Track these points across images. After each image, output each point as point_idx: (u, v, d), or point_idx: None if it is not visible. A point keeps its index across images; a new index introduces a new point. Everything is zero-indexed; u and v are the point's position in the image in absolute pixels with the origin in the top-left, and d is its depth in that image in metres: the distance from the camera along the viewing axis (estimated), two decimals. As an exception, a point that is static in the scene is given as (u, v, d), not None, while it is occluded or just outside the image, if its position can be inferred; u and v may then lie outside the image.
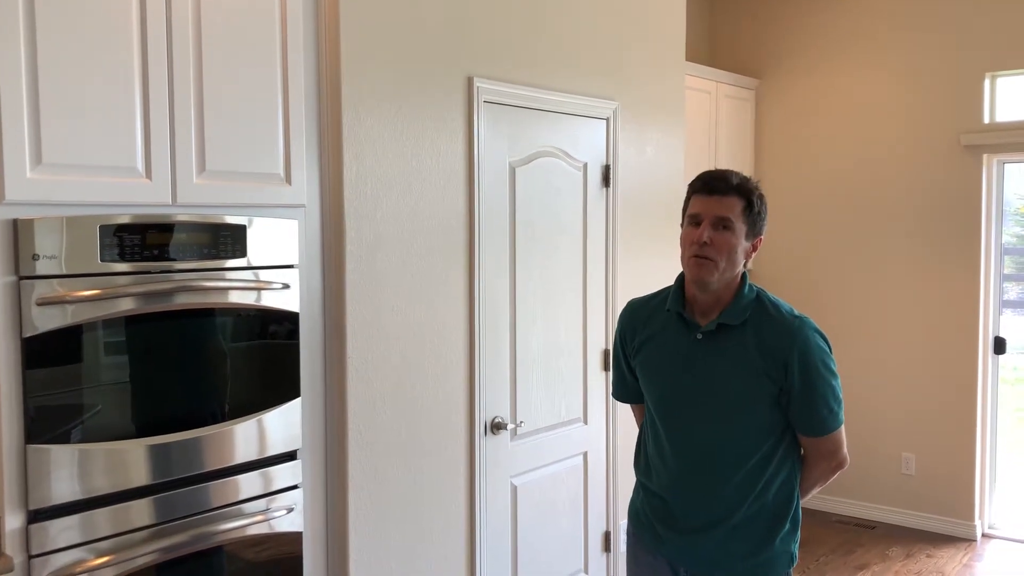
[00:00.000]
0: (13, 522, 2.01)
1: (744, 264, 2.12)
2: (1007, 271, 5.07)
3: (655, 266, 4.00)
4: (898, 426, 5.16)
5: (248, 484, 2.44)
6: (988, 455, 5.01)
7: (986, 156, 4.88)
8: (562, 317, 3.57)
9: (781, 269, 5.47)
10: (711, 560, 2.13)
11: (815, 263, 5.44)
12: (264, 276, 2.46)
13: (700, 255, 2.05)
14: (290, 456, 2.56)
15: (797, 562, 2.17)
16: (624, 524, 3.86)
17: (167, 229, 2.23)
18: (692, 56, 5.14)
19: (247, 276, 2.42)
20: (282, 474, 2.53)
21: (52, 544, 2.05)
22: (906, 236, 5.11)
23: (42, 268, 2.01)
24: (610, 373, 3.73)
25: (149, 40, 2.20)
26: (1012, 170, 5.01)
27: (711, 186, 2.08)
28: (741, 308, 2.09)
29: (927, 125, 5.02)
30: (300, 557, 2.59)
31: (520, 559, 3.40)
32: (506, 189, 3.28)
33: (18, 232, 1.99)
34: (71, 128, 2.06)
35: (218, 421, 2.36)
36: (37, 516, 2.04)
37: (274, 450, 2.50)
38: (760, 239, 2.13)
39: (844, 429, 2.13)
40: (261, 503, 2.47)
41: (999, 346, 4.98)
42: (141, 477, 2.21)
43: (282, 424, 2.52)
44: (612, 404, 3.82)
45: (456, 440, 3.11)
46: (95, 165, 2.11)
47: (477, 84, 3.10)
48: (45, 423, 2.03)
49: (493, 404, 3.26)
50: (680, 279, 2.21)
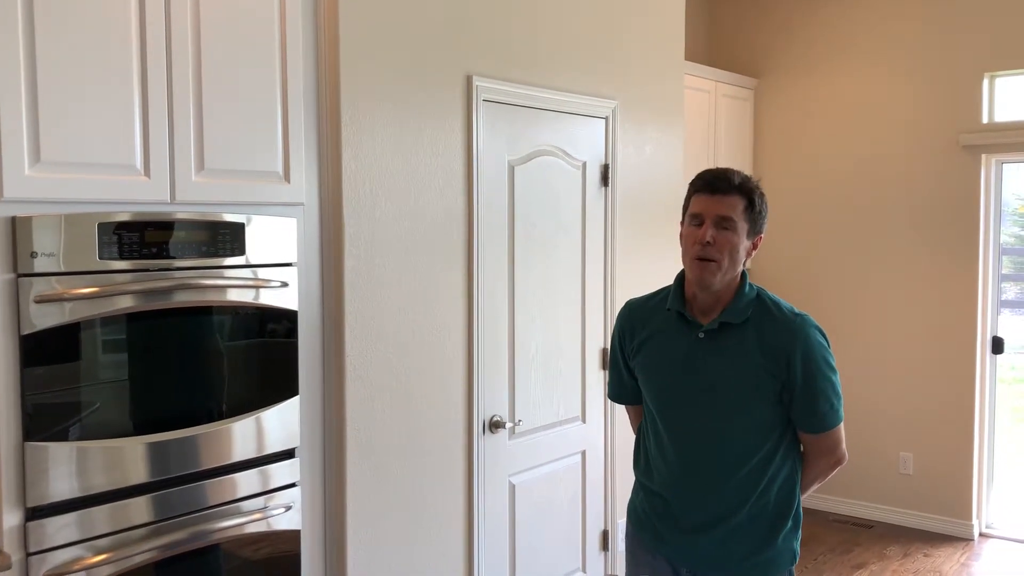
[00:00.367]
0: (11, 519, 2.01)
1: (744, 263, 2.12)
2: (1005, 271, 5.07)
3: (654, 265, 4.00)
4: (896, 425, 5.17)
5: (246, 482, 2.44)
6: (986, 455, 5.02)
7: (984, 156, 4.88)
8: (561, 316, 3.57)
9: (779, 269, 5.47)
10: (713, 559, 2.13)
11: (813, 263, 5.44)
12: (263, 274, 2.46)
13: (703, 256, 2.05)
14: (288, 454, 2.56)
15: (798, 560, 2.17)
16: (622, 523, 3.87)
17: (166, 227, 2.23)
18: (691, 55, 5.14)
19: (246, 274, 2.42)
20: (280, 472, 2.53)
21: (50, 542, 2.05)
22: (904, 236, 5.12)
23: (40, 266, 2.01)
24: (608, 371, 3.74)
25: (148, 38, 2.20)
26: (1010, 170, 5.01)
27: (713, 185, 2.07)
28: (743, 307, 2.10)
29: (926, 125, 5.02)
30: (298, 555, 2.59)
31: (518, 557, 3.41)
32: (505, 188, 3.28)
33: (16, 229, 1.99)
34: (70, 126, 2.06)
35: (216, 419, 2.36)
36: (35, 514, 2.04)
37: (272, 448, 2.50)
38: (760, 238, 2.13)
39: (843, 426, 2.14)
40: (259, 501, 2.47)
41: (997, 346, 4.98)
42: (139, 475, 2.21)
43: (280, 422, 2.52)
44: (610, 403, 3.82)
45: (454, 439, 3.11)
46: (94, 163, 2.11)
47: (476, 83, 3.10)
48: (43, 420, 2.03)
49: (491, 402, 3.26)
50: (680, 278, 2.20)
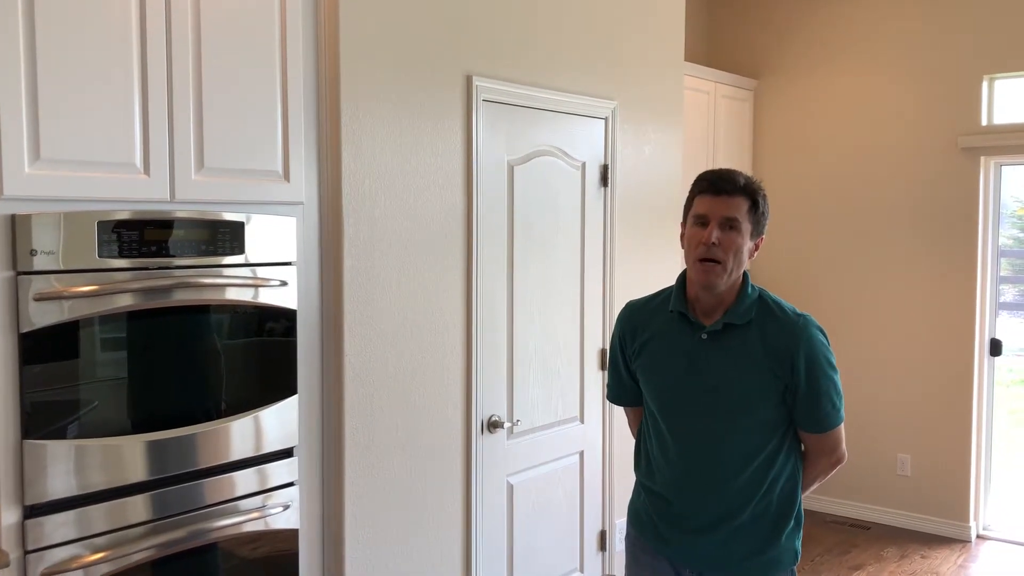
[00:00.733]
0: (9, 517, 2.01)
1: (745, 264, 2.13)
2: (1003, 273, 5.07)
3: (652, 266, 4.00)
4: (894, 427, 5.17)
5: (244, 481, 2.44)
6: (983, 457, 5.02)
7: (983, 158, 4.89)
8: (559, 316, 3.57)
9: (778, 270, 5.47)
10: (716, 559, 2.13)
11: (812, 264, 5.45)
12: (262, 273, 2.46)
13: (708, 257, 2.05)
14: (286, 453, 2.56)
15: (800, 559, 2.18)
16: (620, 523, 3.87)
17: (165, 225, 2.23)
18: (691, 56, 5.14)
19: (245, 273, 2.42)
20: (278, 471, 2.53)
21: (48, 540, 2.06)
22: (903, 237, 5.12)
23: (40, 263, 2.01)
24: (607, 372, 3.74)
25: (148, 36, 2.20)
26: (1009, 172, 5.01)
27: (718, 186, 2.07)
28: (746, 308, 2.10)
29: (925, 127, 5.03)
30: (296, 554, 2.59)
31: (516, 557, 3.41)
32: (504, 188, 3.28)
33: (16, 227, 1.99)
34: (69, 124, 2.06)
35: (214, 418, 2.36)
36: (33, 511, 2.04)
37: (270, 447, 2.50)
38: (762, 239, 2.13)
39: (843, 425, 2.15)
40: (257, 500, 2.47)
41: (995, 348, 4.99)
42: (137, 473, 2.21)
43: (278, 421, 2.52)
44: (608, 404, 3.82)
45: (453, 438, 3.11)
46: (93, 161, 2.11)
47: (476, 83, 3.10)
48: (42, 418, 2.04)
49: (490, 402, 3.27)
50: (681, 279, 2.20)
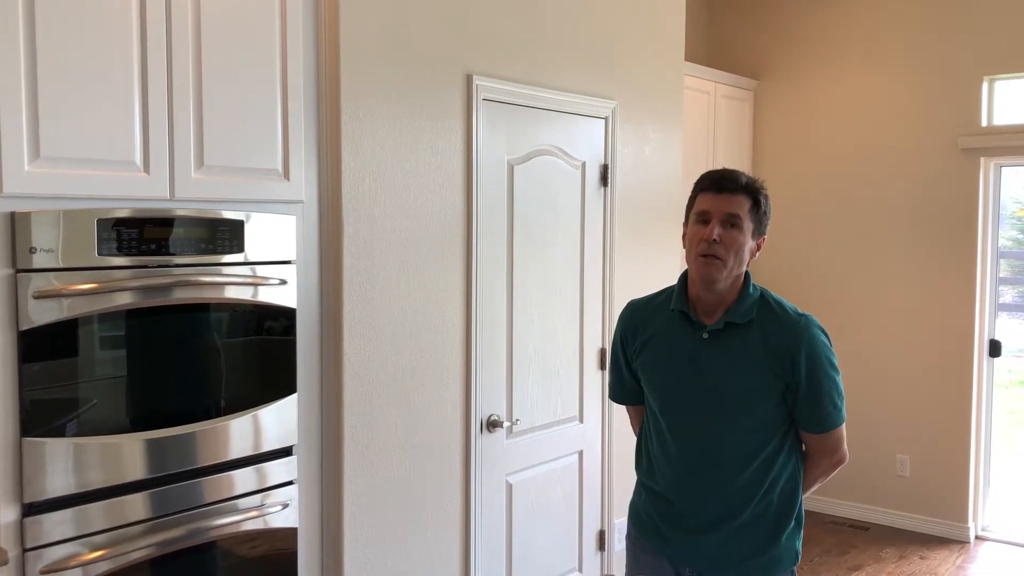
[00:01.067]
0: (8, 515, 2.01)
1: (747, 264, 2.12)
2: (1003, 274, 5.07)
3: (652, 266, 4.00)
4: (893, 428, 5.17)
5: (243, 480, 2.44)
6: (982, 458, 5.02)
7: (983, 159, 4.89)
8: (559, 316, 3.57)
9: (777, 270, 5.47)
10: (717, 559, 2.13)
11: (811, 264, 5.45)
12: (261, 272, 2.46)
13: (708, 253, 2.05)
14: (285, 452, 2.56)
15: (801, 559, 2.18)
16: (619, 523, 3.87)
17: (165, 223, 2.23)
18: (691, 56, 5.14)
19: (244, 271, 2.42)
20: (277, 470, 2.53)
21: (47, 538, 2.05)
22: (903, 238, 5.12)
23: (39, 261, 2.01)
24: (607, 372, 3.74)
25: (149, 34, 2.19)
26: (1009, 174, 5.01)
27: (720, 184, 2.08)
28: (747, 307, 2.10)
29: (925, 128, 5.03)
30: (295, 553, 2.59)
31: (514, 556, 3.41)
32: (504, 187, 3.28)
33: (15, 225, 1.99)
34: (69, 122, 2.06)
35: (214, 416, 2.36)
36: (32, 510, 2.04)
37: (269, 446, 2.50)
38: (764, 239, 2.13)
39: (845, 425, 2.15)
40: (256, 499, 2.47)
41: (994, 349, 4.99)
42: (136, 471, 2.21)
43: (278, 420, 2.52)
44: (608, 403, 3.82)
45: (452, 437, 3.11)
46: (93, 159, 2.11)
47: (476, 82, 3.10)
48: (41, 416, 2.03)
49: (489, 402, 3.26)
50: (683, 278, 2.20)
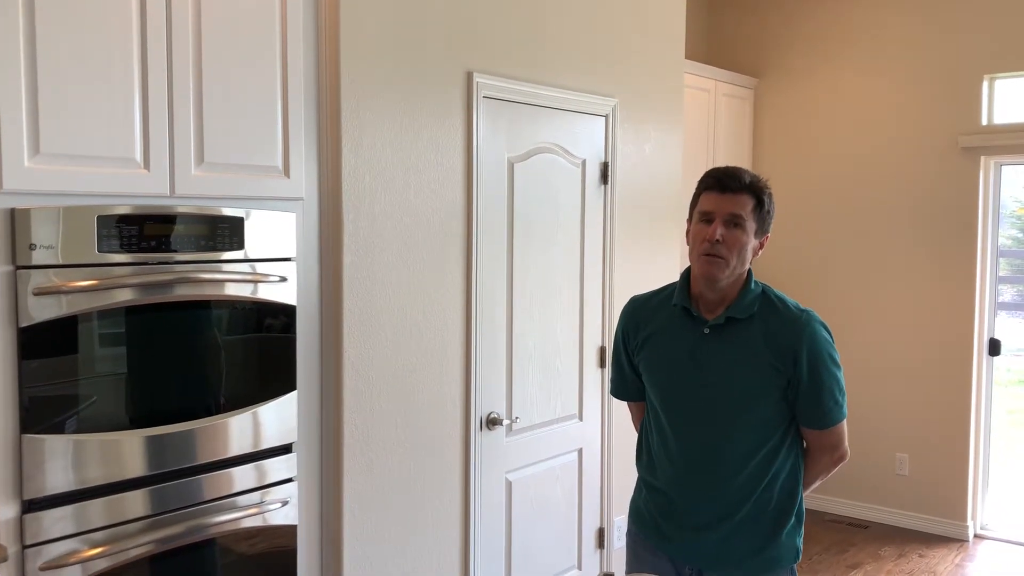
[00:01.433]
0: (7, 512, 2.01)
1: (750, 262, 2.13)
2: (1003, 273, 5.08)
3: (652, 263, 4.00)
4: (892, 426, 5.17)
5: (243, 477, 2.44)
6: (981, 456, 5.03)
7: (983, 158, 4.89)
8: (559, 314, 3.57)
9: (777, 268, 5.47)
10: (717, 556, 2.13)
11: (811, 263, 5.45)
12: (261, 269, 2.45)
13: (712, 253, 2.04)
14: (285, 449, 2.56)
15: (801, 556, 2.18)
16: (619, 521, 3.87)
17: (165, 220, 2.22)
18: (691, 54, 5.14)
19: (244, 268, 2.41)
20: (277, 467, 2.53)
21: (46, 534, 2.05)
22: (903, 237, 5.12)
23: (39, 258, 2.01)
24: (606, 370, 3.74)
25: (149, 30, 2.19)
26: (1009, 172, 5.01)
27: (724, 183, 2.07)
28: (748, 302, 2.10)
29: (925, 126, 5.03)
30: (294, 550, 2.59)
31: (514, 554, 3.41)
32: (504, 185, 3.28)
33: (15, 221, 1.98)
34: (69, 118, 2.06)
35: (213, 413, 2.36)
36: (31, 506, 2.04)
37: (269, 443, 2.50)
38: (767, 237, 2.14)
39: (846, 422, 2.14)
40: (255, 496, 2.47)
41: (994, 348, 4.99)
42: (136, 468, 2.21)
43: (277, 417, 2.52)
44: (608, 401, 3.82)
45: (451, 435, 3.11)
46: (93, 155, 2.10)
47: (477, 79, 3.09)
48: (40, 413, 2.03)
49: (489, 400, 3.26)
50: (685, 275, 2.20)
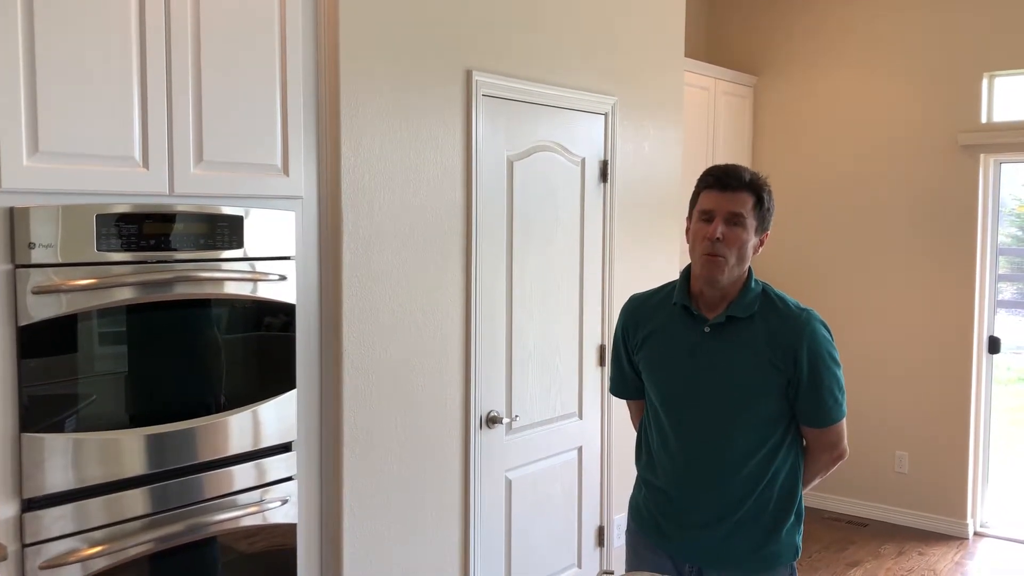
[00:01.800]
0: (7, 511, 2.01)
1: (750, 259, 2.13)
2: (1002, 271, 5.08)
3: (651, 262, 4.00)
4: (892, 424, 5.18)
5: (242, 475, 2.44)
6: (981, 454, 5.03)
7: (983, 156, 4.88)
8: (558, 312, 3.57)
9: (777, 266, 5.47)
10: (717, 554, 2.13)
11: (811, 260, 5.45)
12: (260, 267, 2.45)
13: (712, 252, 2.05)
14: (285, 448, 2.56)
15: (801, 554, 2.18)
16: (618, 519, 3.87)
17: (164, 219, 2.22)
18: (691, 53, 5.14)
19: (243, 267, 2.41)
20: (276, 466, 2.53)
21: (46, 533, 2.05)
22: (902, 235, 5.12)
23: (38, 257, 2.01)
24: (606, 368, 3.74)
25: (148, 29, 2.19)
26: (1009, 170, 5.01)
27: (724, 182, 2.07)
28: (749, 301, 2.10)
29: (925, 124, 5.02)
30: (294, 549, 2.59)
31: (514, 552, 3.41)
32: (504, 183, 3.28)
33: (14, 220, 1.98)
34: (68, 116, 2.06)
35: (213, 412, 2.36)
36: (31, 505, 2.04)
37: (269, 442, 2.50)
38: (766, 235, 2.14)
39: (845, 420, 2.15)
40: (255, 494, 2.47)
41: (993, 346, 4.99)
42: (135, 467, 2.21)
43: (277, 416, 2.52)
44: (607, 399, 3.82)
45: (451, 433, 3.11)
46: (92, 154, 2.10)
47: (476, 77, 3.09)
48: (40, 412, 2.03)
49: (488, 398, 3.26)
50: (685, 273, 2.20)
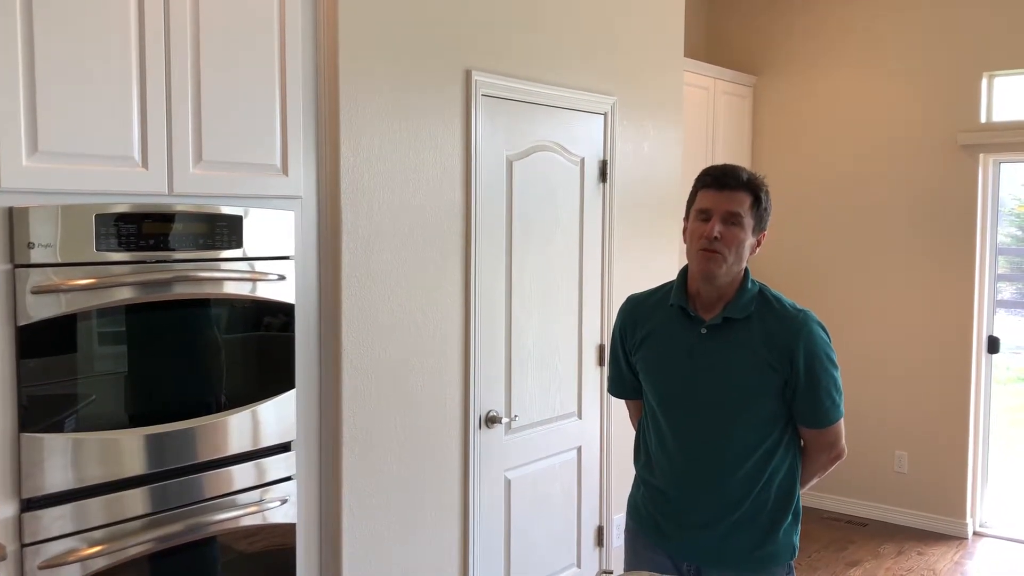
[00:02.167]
0: (6, 511, 2.00)
1: (747, 259, 2.13)
2: (1001, 271, 5.08)
3: (651, 262, 4.00)
4: (891, 424, 5.18)
5: (242, 475, 2.44)
6: (980, 454, 5.03)
7: (983, 156, 4.88)
8: (558, 312, 3.57)
9: (776, 266, 5.47)
10: (715, 554, 2.14)
11: (810, 260, 5.45)
12: (260, 267, 2.45)
13: (709, 248, 2.05)
14: (284, 448, 2.56)
15: (798, 554, 2.18)
16: (618, 519, 3.87)
17: (163, 219, 2.22)
18: (690, 52, 5.13)
19: (243, 267, 2.41)
20: (276, 465, 2.53)
21: (45, 533, 2.05)
22: (902, 235, 5.12)
23: (37, 256, 2.00)
24: (605, 368, 3.74)
25: (147, 28, 2.19)
26: (1008, 170, 5.01)
27: (721, 181, 2.08)
28: (746, 302, 2.11)
29: (924, 124, 5.02)
30: (293, 548, 2.59)
31: (513, 552, 3.41)
32: (503, 183, 3.28)
33: (13, 220, 1.98)
34: (68, 116, 2.06)
35: (212, 412, 2.36)
36: (30, 505, 2.04)
37: (268, 441, 2.50)
38: (764, 235, 2.14)
39: (843, 420, 2.15)
40: (255, 494, 2.47)
41: (993, 345, 4.99)
42: (135, 467, 2.21)
43: (276, 416, 2.52)
44: (607, 399, 3.82)
45: (451, 433, 3.11)
46: (91, 154, 2.10)
47: (475, 77, 3.09)
48: (39, 412, 2.03)
49: (488, 398, 3.26)
50: (683, 274, 2.20)
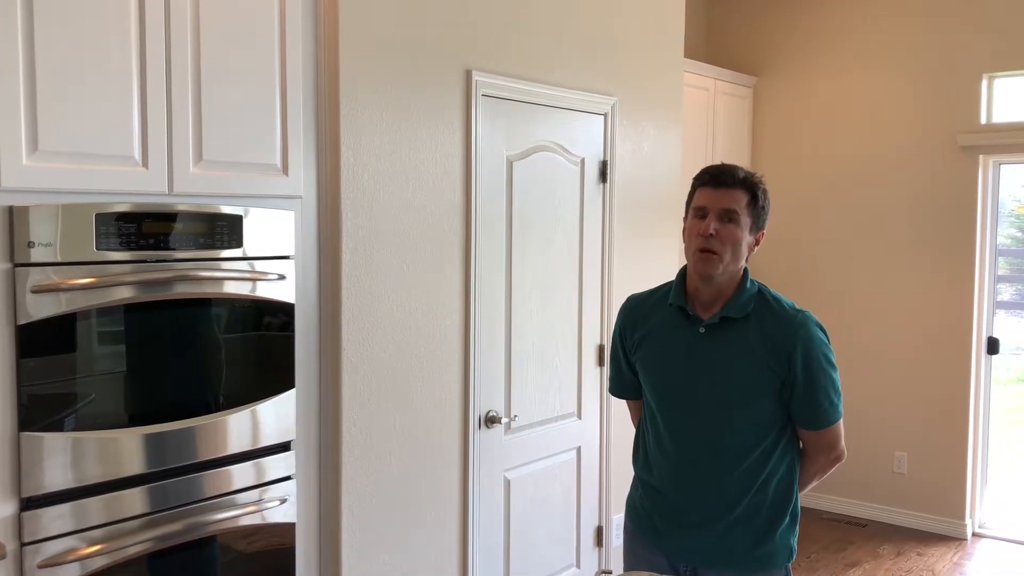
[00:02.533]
0: (6, 509, 2.01)
1: (746, 259, 2.13)
2: (1001, 272, 5.08)
3: (651, 262, 4.00)
4: (891, 424, 5.18)
5: (241, 474, 2.44)
6: (980, 455, 5.03)
7: (982, 157, 4.89)
8: (557, 312, 3.57)
9: (776, 266, 5.47)
10: (712, 554, 2.14)
11: (810, 261, 5.45)
12: (260, 267, 2.45)
13: (706, 248, 2.06)
14: (284, 447, 2.56)
15: (796, 556, 2.18)
16: (617, 519, 3.87)
17: (163, 218, 2.22)
18: (690, 53, 5.14)
19: (243, 266, 2.41)
20: (275, 465, 2.53)
21: (45, 532, 2.05)
22: (902, 236, 5.12)
23: (37, 256, 2.01)
24: (605, 368, 3.75)
25: (147, 27, 2.19)
26: (1008, 171, 5.02)
27: (718, 179, 2.09)
28: (744, 302, 2.11)
29: (924, 125, 5.02)
30: (292, 548, 2.59)
31: (512, 552, 3.41)
32: (503, 183, 3.28)
33: (13, 219, 1.98)
34: (68, 115, 2.06)
35: (212, 411, 2.36)
36: (30, 504, 2.04)
37: (268, 441, 2.50)
38: (762, 234, 2.15)
39: (842, 422, 2.15)
40: (254, 494, 2.47)
41: (992, 346, 4.99)
42: (134, 466, 2.21)
43: (276, 415, 2.52)
44: (606, 399, 3.82)
45: (450, 433, 3.11)
46: (92, 153, 2.10)
47: (476, 78, 3.09)
48: (39, 411, 2.03)
49: (487, 398, 3.26)
50: (681, 273, 2.21)
